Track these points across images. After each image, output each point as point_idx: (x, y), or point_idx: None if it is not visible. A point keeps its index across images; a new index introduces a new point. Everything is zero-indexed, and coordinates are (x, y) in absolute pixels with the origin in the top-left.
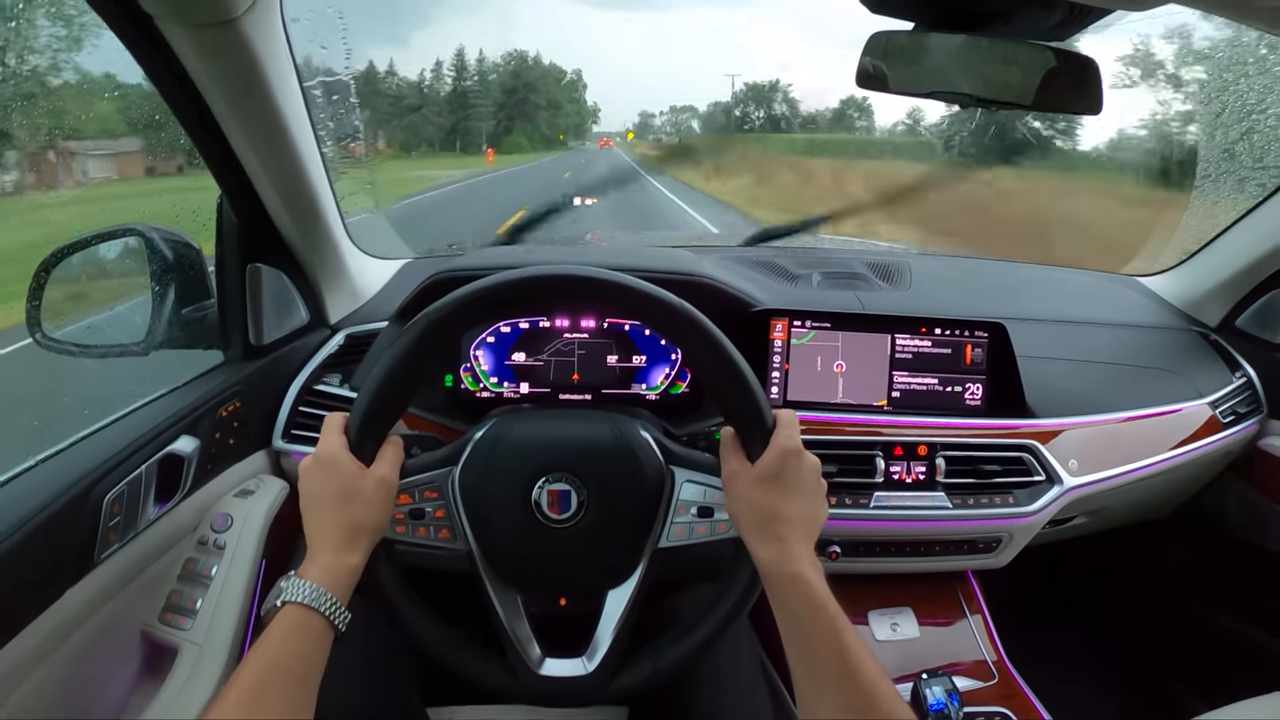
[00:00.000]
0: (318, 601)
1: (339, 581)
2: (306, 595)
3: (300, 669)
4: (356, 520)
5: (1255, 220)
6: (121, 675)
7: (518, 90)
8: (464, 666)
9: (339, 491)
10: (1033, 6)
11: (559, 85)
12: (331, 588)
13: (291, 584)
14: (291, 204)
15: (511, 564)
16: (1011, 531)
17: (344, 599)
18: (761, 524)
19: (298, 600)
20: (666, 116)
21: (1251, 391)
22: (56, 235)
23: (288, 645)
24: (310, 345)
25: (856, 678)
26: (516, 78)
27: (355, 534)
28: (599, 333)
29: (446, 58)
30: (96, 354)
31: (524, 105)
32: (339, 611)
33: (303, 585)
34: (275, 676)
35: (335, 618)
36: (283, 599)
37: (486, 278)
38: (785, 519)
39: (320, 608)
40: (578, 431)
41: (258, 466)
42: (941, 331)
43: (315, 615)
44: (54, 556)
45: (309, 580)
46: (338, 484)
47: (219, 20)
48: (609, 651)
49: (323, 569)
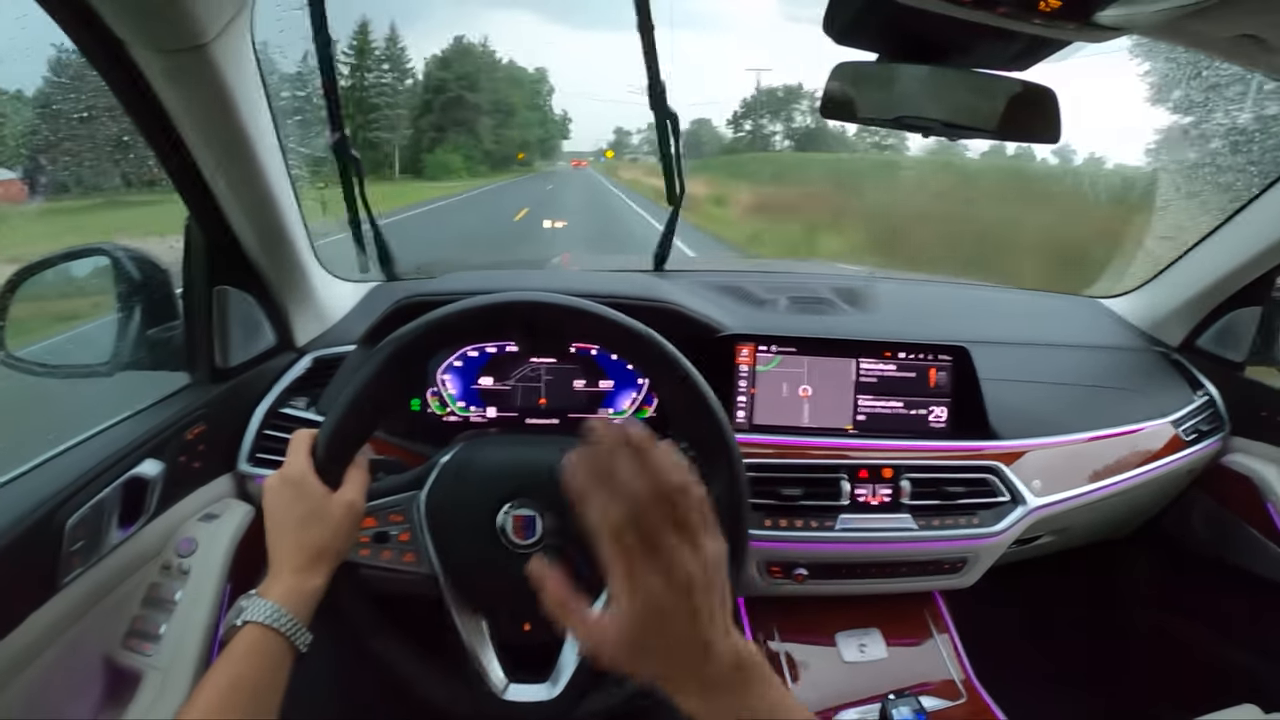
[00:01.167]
0: (279, 622)
1: (300, 603)
2: (268, 615)
3: (261, 688)
4: (321, 543)
5: (1216, 242)
6: (85, 701)
7: (447, 87)
8: (429, 691)
9: (305, 513)
10: (993, 39)
11: (516, 86)
12: (293, 609)
13: (253, 603)
14: (259, 226)
15: (476, 588)
16: (977, 552)
17: (305, 620)
18: (671, 685)
19: (259, 620)
20: (644, 134)
21: (1213, 409)
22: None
23: (248, 664)
24: (277, 368)
25: None
26: (446, 68)
27: (319, 556)
28: (566, 357)
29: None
30: (61, 374)
31: (457, 109)
32: (300, 632)
33: (264, 605)
34: (236, 695)
35: (296, 638)
36: (243, 618)
37: (455, 304)
38: (685, 668)
39: (281, 628)
40: (543, 457)
41: (223, 490)
42: (906, 355)
43: (276, 635)
44: (15, 582)
45: (270, 600)
46: (304, 506)
47: (190, 45)
48: (574, 676)
49: (285, 590)
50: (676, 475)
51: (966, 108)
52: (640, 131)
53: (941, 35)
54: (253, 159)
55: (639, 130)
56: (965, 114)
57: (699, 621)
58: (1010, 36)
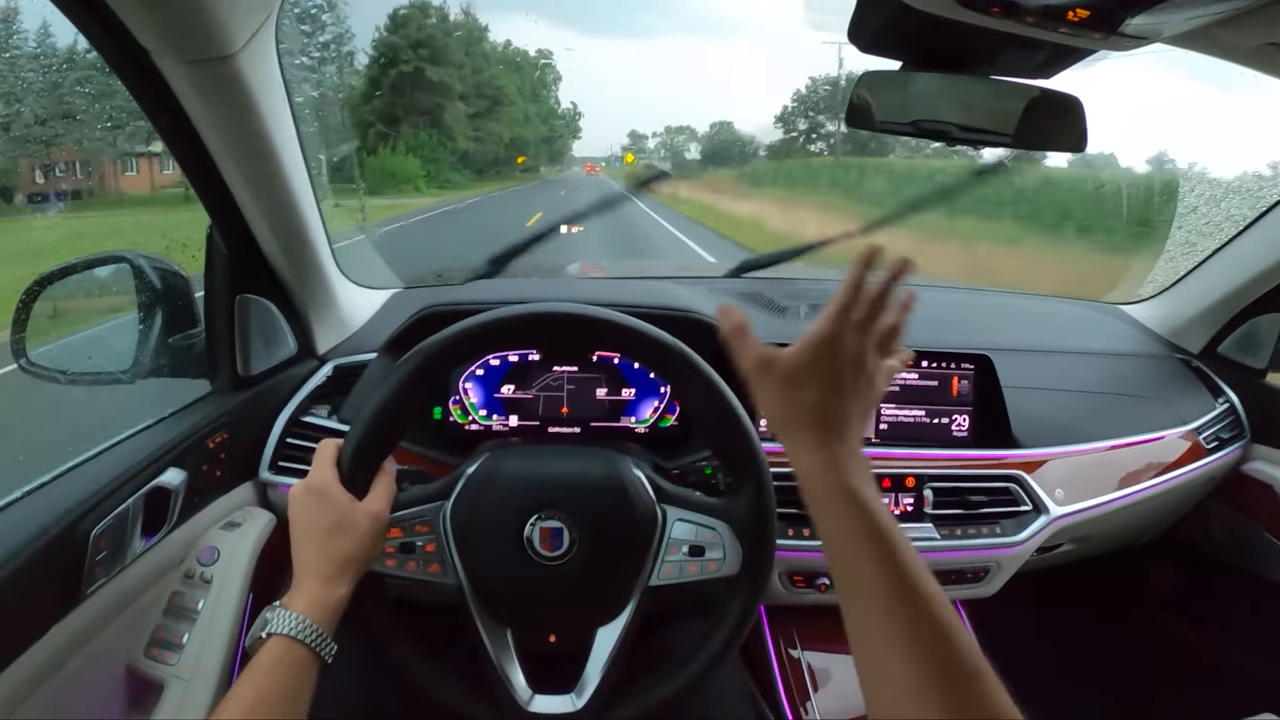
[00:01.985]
0: (304, 633)
1: (325, 613)
2: (293, 627)
3: (287, 701)
4: (346, 553)
5: (1236, 248)
6: (107, 711)
7: (400, 58)
8: (452, 702)
9: (331, 523)
10: (1018, 48)
11: (512, 71)
12: (318, 619)
13: (277, 615)
14: (281, 235)
15: (501, 600)
16: (1000, 561)
17: (330, 631)
18: (794, 429)
19: (283, 632)
20: (660, 138)
21: (1234, 417)
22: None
23: (274, 677)
24: (298, 376)
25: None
26: (399, 30)
27: (344, 566)
28: (588, 366)
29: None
30: (83, 381)
31: (413, 91)
32: (325, 643)
33: (289, 617)
34: (262, 709)
35: (321, 649)
36: (268, 630)
37: (482, 314)
38: (824, 421)
39: (306, 639)
40: (570, 468)
41: (245, 499)
42: (928, 364)
43: (301, 647)
44: (40, 591)
45: (295, 612)
46: (330, 516)
47: (215, 56)
48: (598, 689)
49: (310, 600)
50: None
51: (984, 114)
52: (656, 135)
53: (967, 44)
54: (276, 168)
55: (655, 134)
56: (983, 120)
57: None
58: (1035, 45)
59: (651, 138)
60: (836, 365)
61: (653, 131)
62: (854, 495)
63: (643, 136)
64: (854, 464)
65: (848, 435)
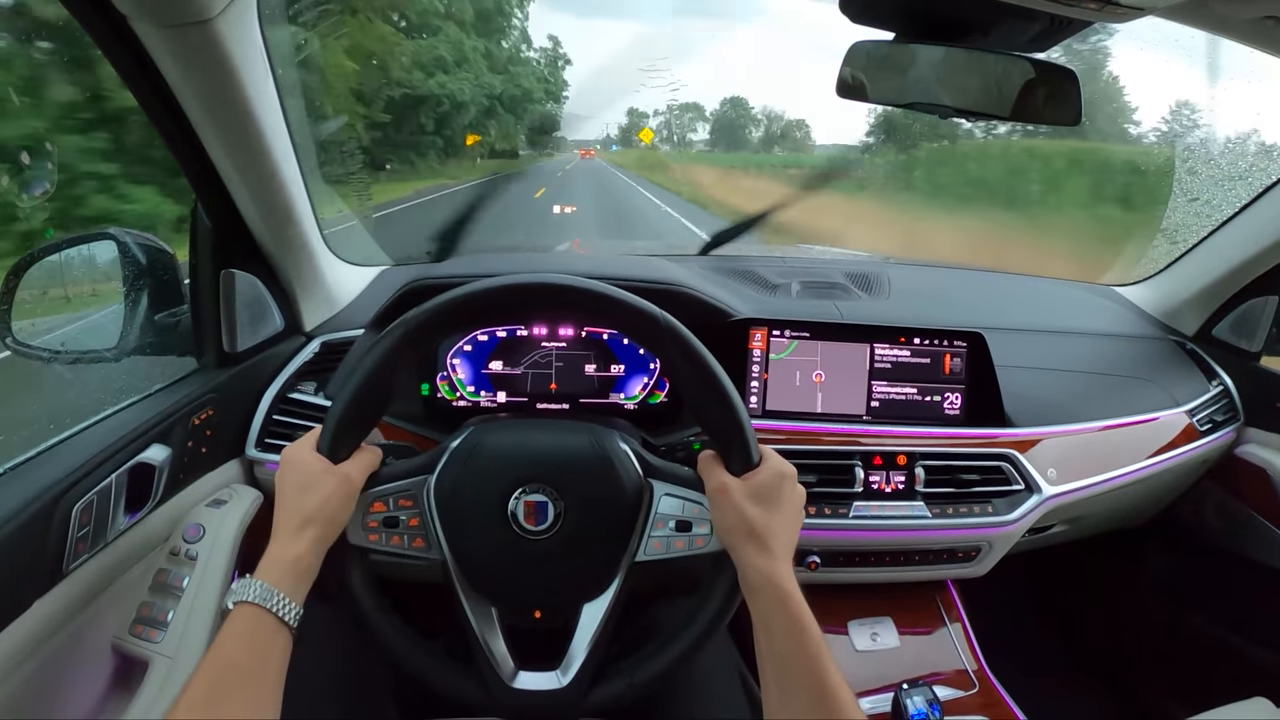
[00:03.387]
0: (265, 599)
1: (284, 572)
2: (255, 594)
3: (255, 668)
4: (307, 509)
5: (1231, 230)
6: (91, 688)
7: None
8: (437, 679)
9: (299, 484)
10: (1012, 19)
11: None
12: (278, 581)
13: (241, 583)
14: (266, 209)
15: (486, 575)
16: (991, 540)
17: (294, 593)
18: (756, 536)
19: (247, 599)
20: (663, 117)
21: (1228, 400)
22: None
23: (239, 644)
24: (285, 353)
25: (832, 704)
26: None
27: (304, 523)
28: (577, 342)
29: None
30: (68, 359)
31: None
32: (288, 606)
33: (252, 584)
34: (229, 677)
35: (285, 614)
36: (233, 599)
37: (465, 286)
38: (777, 534)
39: (268, 605)
40: (556, 442)
41: (230, 476)
42: (920, 341)
43: (265, 613)
44: (21, 567)
45: (258, 579)
46: (301, 477)
47: (194, 20)
48: (584, 665)
49: (270, 560)
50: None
51: (977, 92)
52: (659, 114)
53: (960, 15)
54: (258, 139)
55: (657, 112)
56: (976, 99)
57: (791, 522)
58: (1030, 17)
59: (653, 115)
60: (794, 498)
61: (654, 110)
62: (791, 598)
63: (643, 114)
64: (789, 572)
65: (786, 551)
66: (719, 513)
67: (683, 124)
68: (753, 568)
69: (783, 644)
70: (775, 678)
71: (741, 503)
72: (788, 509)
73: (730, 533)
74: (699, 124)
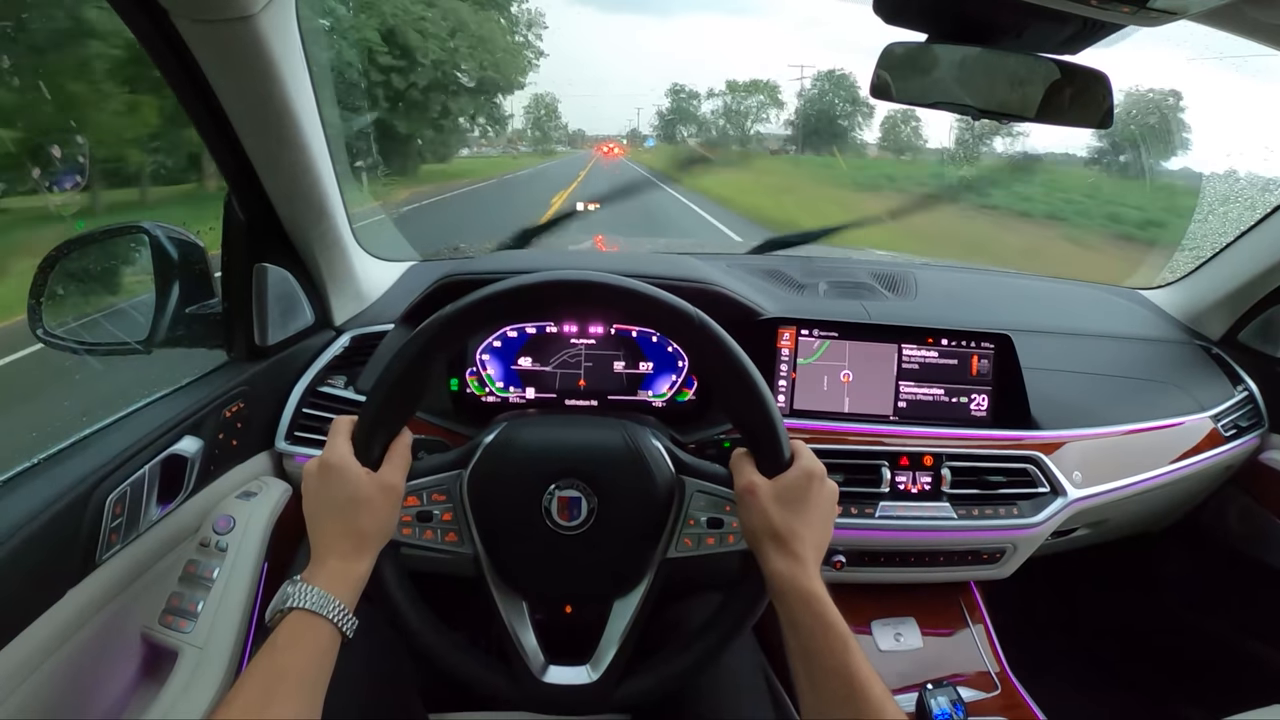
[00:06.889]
0: (325, 608)
1: (347, 588)
2: (314, 602)
3: (309, 675)
4: (363, 527)
5: (1258, 235)
6: (121, 677)
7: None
8: (467, 672)
9: (346, 499)
10: (1045, 21)
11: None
12: (339, 594)
13: (298, 590)
14: (299, 204)
15: (518, 569)
16: (1016, 543)
17: (351, 605)
18: (779, 539)
19: (305, 606)
20: (714, 100)
21: (1253, 405)
22: None
23: (296, 651)
24: (315, 346)
25: (863, 698)
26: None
27: (362, 541)
28: (606, 339)
29: None
30: (100, 351)
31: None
32: (346, 618)
33: (310, 591)
34: (283, 683)
35: (343, 624)
36: (289, 604)
37: (500, 282)
38: (802, 537)
39: (328, 614)
40: (590, 438)
41: (260, 468)
42: (948, 342)
43: (323, 621)
44: (55, 557)
45: (316, 586)
46: (345, 491)
47: (234, 17)
48: (614, 660)
49: (330, 575)
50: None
51: (1003, 94)
52: (714, 95)
53: (992, 17)
54: (294, 134)
55: (712, 93)
56: (1003, 100)
57: (821, 527)
58: (1063, 19)
59: (704, 99)
60: (823, 498)
61: (706, 90)
62: (816, 598)
63: (690, 98)
64: (817, 575)
65: (814, 553)
66: (745, 514)
67: (754, 110)
68: (775, 571)
69: (810, 642)
70: (806, 676)
71: (767, 505)
72: (815, 510)
73: (755, 535)
74: (772, 110)
